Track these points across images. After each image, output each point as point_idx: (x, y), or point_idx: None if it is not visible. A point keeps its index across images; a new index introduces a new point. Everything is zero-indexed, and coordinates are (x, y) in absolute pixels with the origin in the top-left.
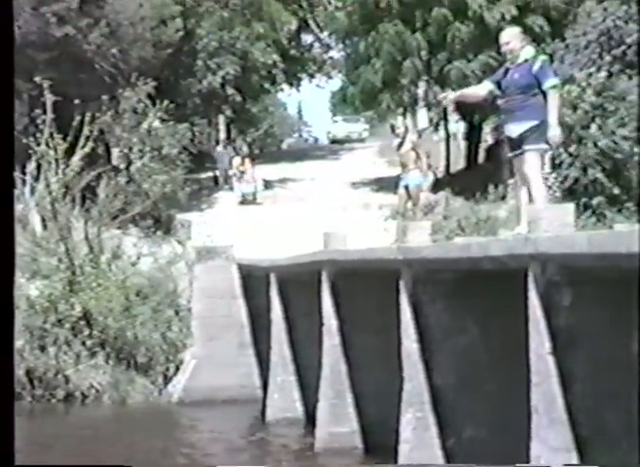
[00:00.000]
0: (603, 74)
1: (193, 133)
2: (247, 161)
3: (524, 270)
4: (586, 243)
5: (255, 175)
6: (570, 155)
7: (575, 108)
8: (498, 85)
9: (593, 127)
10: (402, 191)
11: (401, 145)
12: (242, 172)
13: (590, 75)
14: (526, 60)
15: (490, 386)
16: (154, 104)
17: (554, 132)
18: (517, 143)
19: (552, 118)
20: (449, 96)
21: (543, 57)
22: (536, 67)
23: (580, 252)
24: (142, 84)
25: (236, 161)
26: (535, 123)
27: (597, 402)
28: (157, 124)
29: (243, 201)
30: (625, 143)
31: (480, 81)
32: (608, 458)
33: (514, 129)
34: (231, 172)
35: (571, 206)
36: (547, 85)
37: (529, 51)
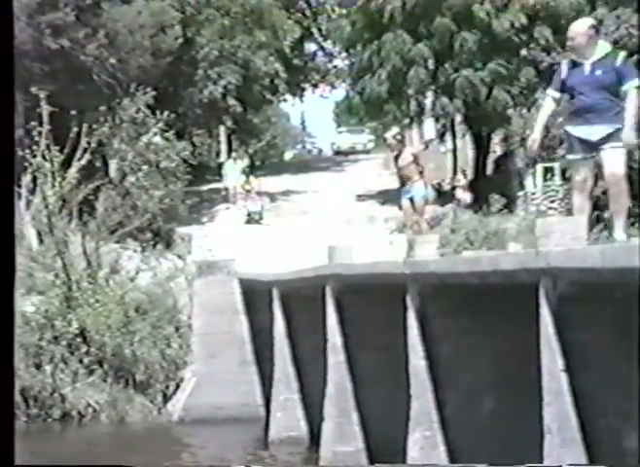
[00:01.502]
0: None
1: (193, 145)
2: (252, 178)
3: (535, 285)
4: (599, 257)
5: (261, 194)
6: None
7: None
8: (563, 84)
9: None
10: (406, 203)
11: (397, 158)
12: (248, 191)
13: None
14: (606, 56)
15: (500, 404)
16: (153, 114)
17: (630, 136)
18: (592, 146)
19: (630, 119)
20: (534, 140)
21: (623, 53)
22: (618, 63)
23: (593, 266)
24: (141, 93)
25: (242, 179)
26: (619, 126)
27: (611, 421)
28: (157, 139)
29: (249, 221)
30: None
31: (490, 90)
32: None
33: (595, 132)
34: (237, 190)
35: (583, 219)
36: (630, 84)
37: (605, 46)
